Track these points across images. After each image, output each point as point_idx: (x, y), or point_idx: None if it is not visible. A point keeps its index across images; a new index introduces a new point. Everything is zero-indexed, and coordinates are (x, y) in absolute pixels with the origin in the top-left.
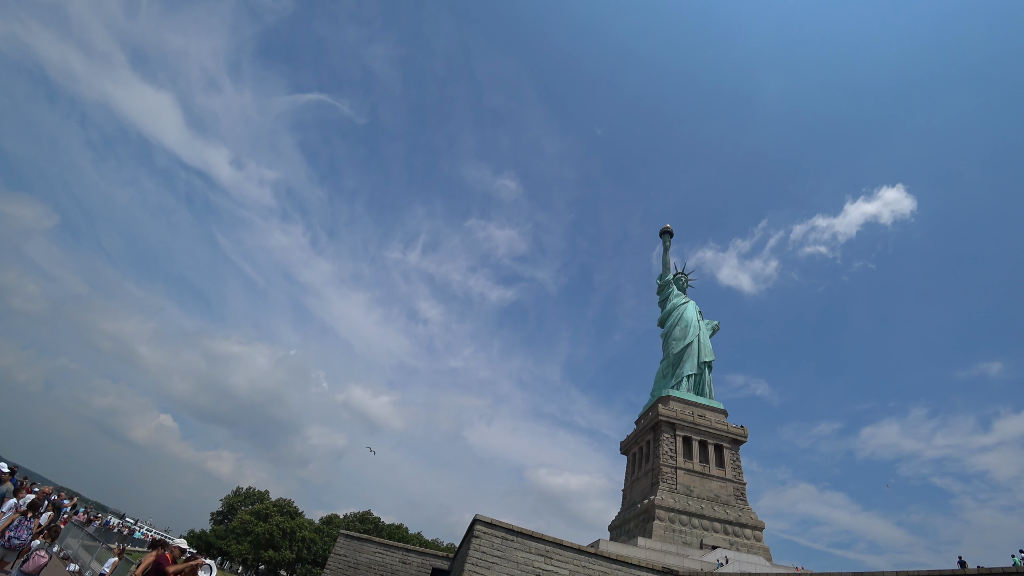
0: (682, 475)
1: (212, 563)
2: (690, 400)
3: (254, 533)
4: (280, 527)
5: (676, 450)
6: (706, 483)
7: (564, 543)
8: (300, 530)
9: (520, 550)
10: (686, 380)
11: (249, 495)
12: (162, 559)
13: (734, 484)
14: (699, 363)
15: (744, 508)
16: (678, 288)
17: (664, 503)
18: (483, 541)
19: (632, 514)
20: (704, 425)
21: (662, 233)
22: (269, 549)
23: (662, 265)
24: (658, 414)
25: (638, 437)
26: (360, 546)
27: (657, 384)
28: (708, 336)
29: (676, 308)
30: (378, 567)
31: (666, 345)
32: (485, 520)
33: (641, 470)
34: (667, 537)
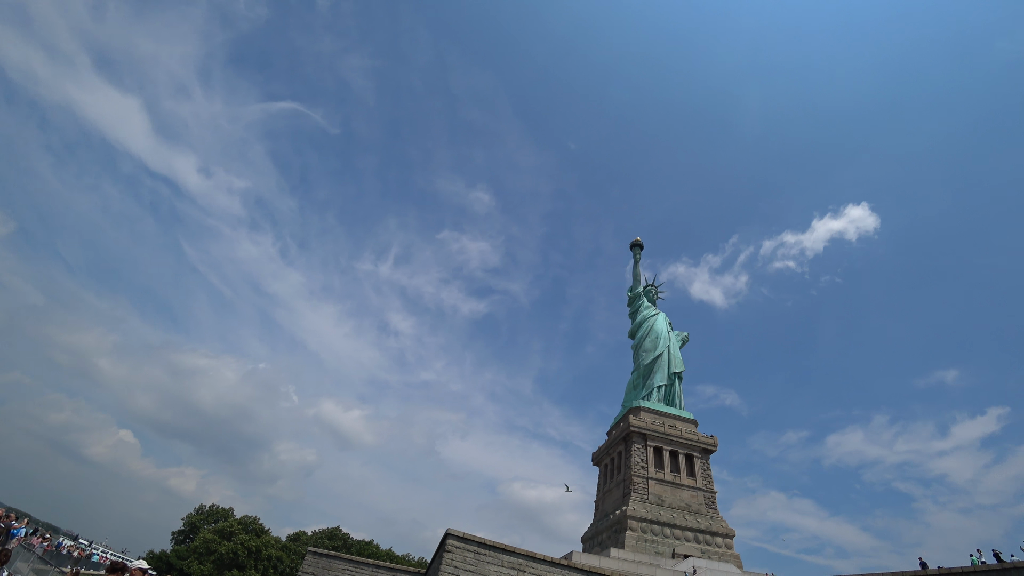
0: (653, 485)
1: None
2: (661, 411)
3: (217, 552)
4: (245, 545)
5: (647, 460)
6: (677, 493)
7: (537, 556)
8: (266, 548)
9: (493, 564)
10: (656, 391)
11: (212, 513)
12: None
13: (705, 493)
14: (669, 374)
15: (715, 516)
16: (648, 300)
17: (636, 513)
18: (455, 556)
19: (604, 525)
20: (675, 435)
21: (632, 246)
22: (233, 569)
23: (632, 278)
24: (629, 425)
25: (610, 448)
26: (329, 563)
27: (628, 395)
28: (678, 347)
29: (646, 320)
30: None
31: (637, 356)
32: (457, 534)
33: (613, 481)
34: (639, 547)
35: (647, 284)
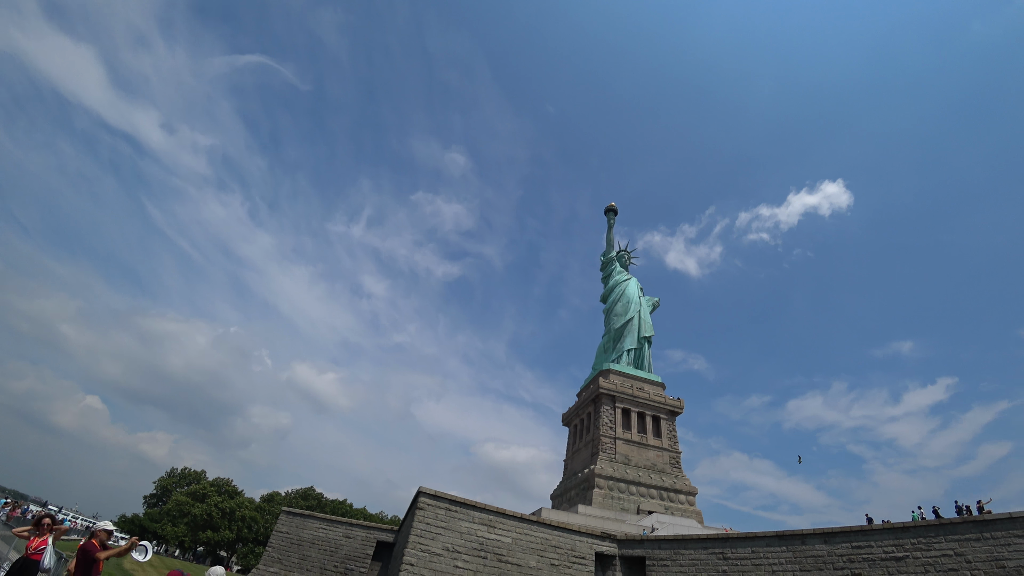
0: (621, 445)
1: (147, 544)
2: (630, 373)
3: (191, 515)
4: (219, 507)
5: (616, 421)
6: (643, 452)
7: (506, 512)
8: (240, 509)
9: (464, 520)
10: (626, 354)
11: (185, 476)
12: (89, 546)
13: (670, 453)
14: (639, 338)
15: (679, 475)
16: (621, 265)
17: (604, 472)
18: (427, 513)
19: (573, 483)
20: (643, 397)
21: (606, 211)
22: (207, 530)
23: (606, 243)
24: (599, 387)
25: (579, 409)
26: (303, 522)
27: (598, 358)
28: (648, 312)
29: (618, 285)
30: (322, 543)
31: (608, 320)
32: (429, 492)
33: (582, 441)
34: (606, 504)
35: (620, 249)
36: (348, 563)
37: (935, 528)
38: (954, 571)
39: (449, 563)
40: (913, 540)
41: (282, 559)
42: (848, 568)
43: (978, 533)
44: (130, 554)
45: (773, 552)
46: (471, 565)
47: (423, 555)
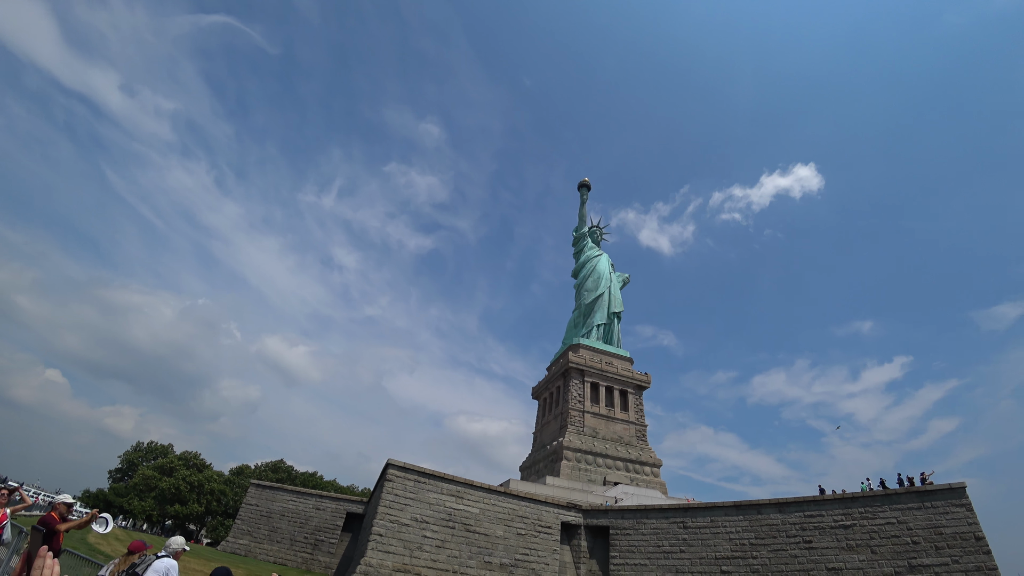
0: (589, 418)
1: (108, 516)
2: (599, 348)
3: (158, 488)
4: (187, 480)
5: (584, 395)
6: (611, 425)
7: (474, 483)
8: (209, 483)
9: (432, 491)
10: (596, 329)
11: (151, 450)
12: (49, 518)
13: (636, 426)
14: (609, 313)
15: (644, 448)
16: (593, 241)
17: (571, 444)
18: (396, 484)
19: (542, 455)
20: (611, 372)
21: (580, 186)
22: (176, 504)
23: (578, 218)
24: (568, 361)
25: (549, 383)
26: (272, 495)
27: (568, 333)
28: (619, 288)
29: (590, 260)
30: (291, 515)
31: (579, 295)
32: (398, 464)
33: (551, 414)
34: (574, 475)
35: (592, 225)
36: (318, 534)
37: (881, 498)
38: (896, 537)
39: (417, 533)
40: (861, 509)
41: (251, 531)
42: (800, 536)
43: (919, 503)
44: (91, 526)
45: (731, 521)
46: (439, 535)
47: (392, 525)
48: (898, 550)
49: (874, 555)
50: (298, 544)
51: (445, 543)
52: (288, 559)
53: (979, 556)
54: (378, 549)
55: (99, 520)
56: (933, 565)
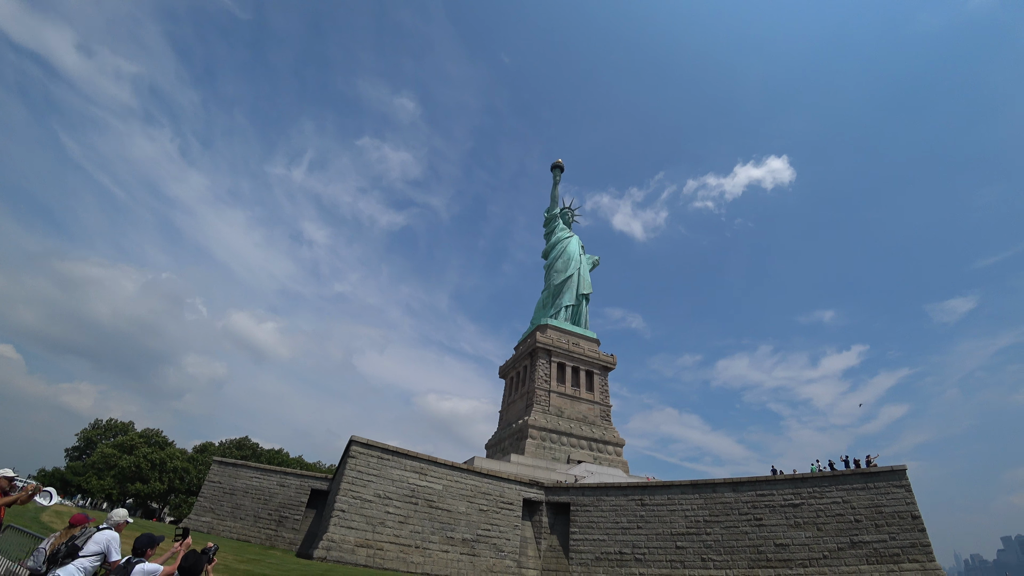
0: (555, 398)
1: (52, 489)
2: (566, 329)
3: (118, 467)
4: (148, 459)
5: (551, 375)
6: (576, 405)
7: (438, 460)
8: (171, 461)
9: (396, 468)
10: (564, 310)
11: (111, 427)
12: None
13: (601, 407)
14: (578, 295)
15: (608, 428)
16: (564, 222)
17: (537, 423)
18: (359, 460)
19: (507, 433)
20: (578, 352)
21: (553, 167)
22: (136, 482)
23: (551, 199)
24: (536, 341)
25: (516, 362)
26: (235, 472)
27: (537, 313)
28: (588, 270)
29: (560, 241)
30: (255, 491)
31: (548, 276)
32: (361, 440)
33: (517, 393)
34: (538, 453)
35: (564, 207)
36: (282, 511)
37: (829, 479)
38: (840, 516)
39: (380, 509)
40: (809, 489)
41: (214, 508)
42: (752, 513)
43: (863, 484)
44: (35, 500)
45: (687, 499)
46: (402, 511)
47: (355, 501)
48: (841, 527)
49: (819, 532)
50: (262, 521)
51: (408, 519)
52: (251, 535)
53: (914, 534)
54: (341, 525)
55: (43, 493)
56: (872, 541)
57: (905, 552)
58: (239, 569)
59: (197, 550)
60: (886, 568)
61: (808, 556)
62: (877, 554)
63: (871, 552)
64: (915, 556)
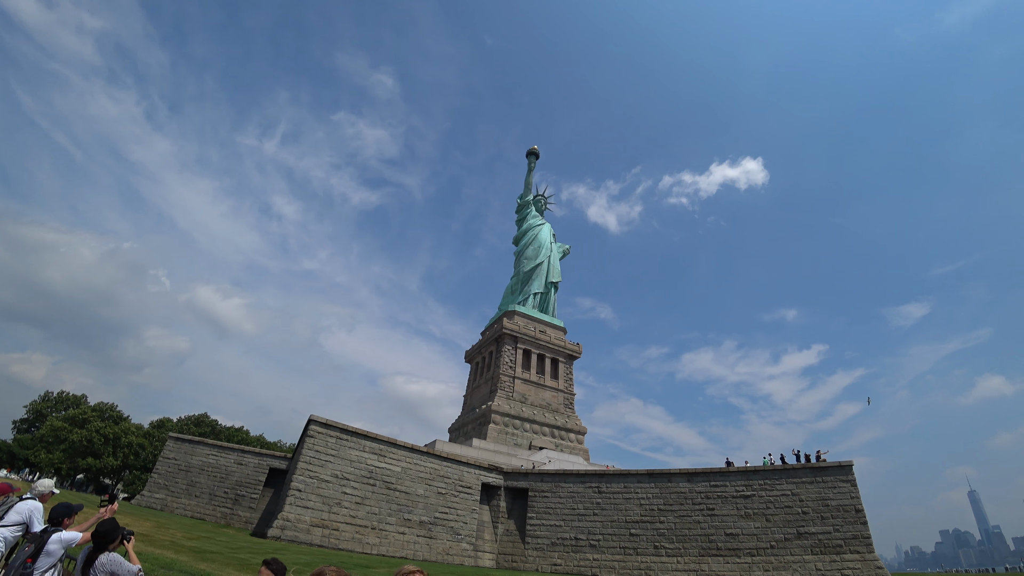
0: (519, 384)
1: None
2: (534, 316)
3: (68, 440)
4: (101, 433)
5: (516, 361)
6: (540, 392)
7: (398, 442)
8: (126, 436)
9: (354, 449)
10: (532, 297)
11: (62, 400)
12: None
13: (564, 394)
14: (547, 283)
15: (571, 415)
16: (536, 210)
17: (500, 408)
18: (317, 440)
19: (471, 418)
20: (544, 340)
21: (528, 154)
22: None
23: (524, 186)
24: (503, 327)
25: (482, 347)
26: (191, 448)
27: (505, 299)
28: (559, 258)
29: (532, 228)
30: (211, 469)
31: (518, 263)
32: (320, 420)
33: (482, 378)
34: (501, 439)
35: (537, 194)
36: (239, 489)
37: (779, 472)
38: (789, 508)
39: (337, 489)
40: (760, 481)
41: (169, 485)
42: (705, 504)
43: (812, 477)
44: None
45: (643, 488)
46: (359, 492)
47: (311, 481)
48: (789, 519)
49: (768, 523)
50: (217, 499)
51: (365, 500)
52: (207, 514)
53: (857, 526)
54: (296, 504)
55: None
56: (817, 533)
57: (847, 543)
58: (187, 546)
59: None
60: (828, 559)
61: (756, 546)
62: (821, 545)
63: (816, 543)
64: (856, 547)
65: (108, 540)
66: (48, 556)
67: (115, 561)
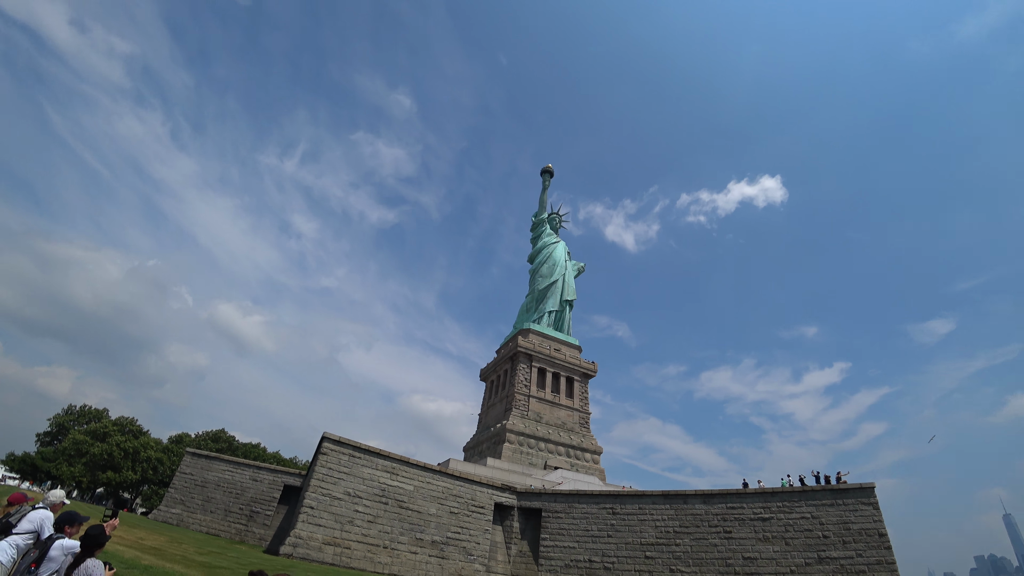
0: (534, 403)
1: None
2: (549, 334)
3: (90, 454)
4: (121, 447)
5: (531, 379)
6: (555, 411)
7: (411, 461)
8: (145, 450)
9: (367, 467)
10: (547, 316)
11: (84, 413)
12: None
13: (580, 413)
14: (561, 301)
15: (586, 435)
16: (551, 228)
17: (515, 427)
18: (330, 458)
19: (486, 436)
20: (559, 359)
21: (543, 172)
22: (108, 470)
23: (539, 204)
24: (518, 345)
25: (497, 366)
26: (208, 464)
27: (520, 317)
28: (573, 276)
29: (547, 246)
30: (227, 485)
31: (533, 281)
32: (333, 437)
33: (497, 396)
34: (515, 458)
35: (552, 212)
36: (254, 505)
37: (799, 494)
38: (808, 531)
39: (349, 507)
40: (779, 503)
41: (185, 500)
42: (721, 526)
43: (832, 500)
44: None
45: (658, 509)
46: (371, 510)
47: (324, 499)
48: (809, 543)
49: (787, 546)
50: (232, 515)
51: (377, 518)
52: (221, 529)
53: (881, 551)
54: (309, 522)
55: None
56: (839, 558)
57: (871, 569)
58: (197, 561)
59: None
60: None
61: (776, 570)
62: (844, 570)
63: (838, 568)
64: (880, 573)
65: (96, 545)
66: (50, 562)
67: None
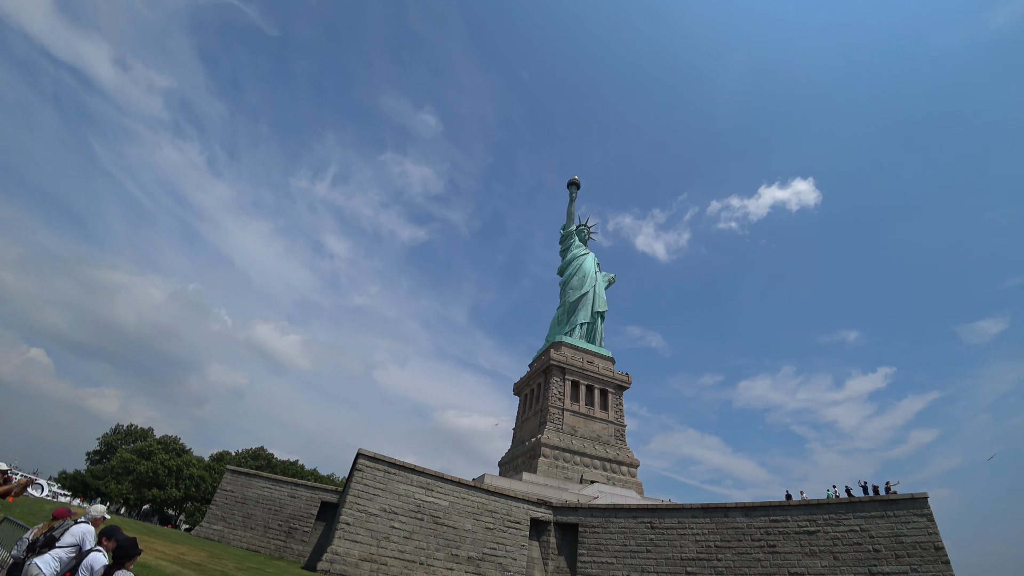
0: (568, 416)
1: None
2: (581, 347)
3: (136, 472)
4: (165, 465)
5: (564, 393)
6: (590, 424)
7: (445, 476)
8: (188, 468)
9: (402, 483)
10: (579, 328)
11: (131, 433)
12: None
13: (615, 426)
14: (593, 312)
15: (622, 448)
16: (580, 239)
17: (550, 441)
18: (366, 474)
19: (520, 451)
20: (592, 371)
21: (569, 184)
22: (153, 488)
23: (567, 216)
24: (550, 358)
25: (530, 379)
26: (248, 481)
27: (552, 330)
28: (604, 287)
29: (576, 258)
30: (266, 502)
31: (563, 293)
32: (368, 454)
33: (531, 410)
34: (551, 472)
35: (580, 224)
36: (292, 522)
37: (845, 506)
38: (858, 545)
39: (385, 523)
40: (825, 516)
41: (226, 517)
42: (765, 540)
43: (882, 511)
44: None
45: (698, 523)
46: (407, 526)
47: (360, 515)
48: (860, 557)
49: (836, 561)
50: (272, 531)
51: (413, 534)
52: (261, 546)
53: (938, 566)
54: (345, 538)
55: (35, 485)
56: (893, 573)
57: None
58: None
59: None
60: None
61: None
62: None
63: None
64: None
65: (127, 557)
66: (84, 571)
67: None
